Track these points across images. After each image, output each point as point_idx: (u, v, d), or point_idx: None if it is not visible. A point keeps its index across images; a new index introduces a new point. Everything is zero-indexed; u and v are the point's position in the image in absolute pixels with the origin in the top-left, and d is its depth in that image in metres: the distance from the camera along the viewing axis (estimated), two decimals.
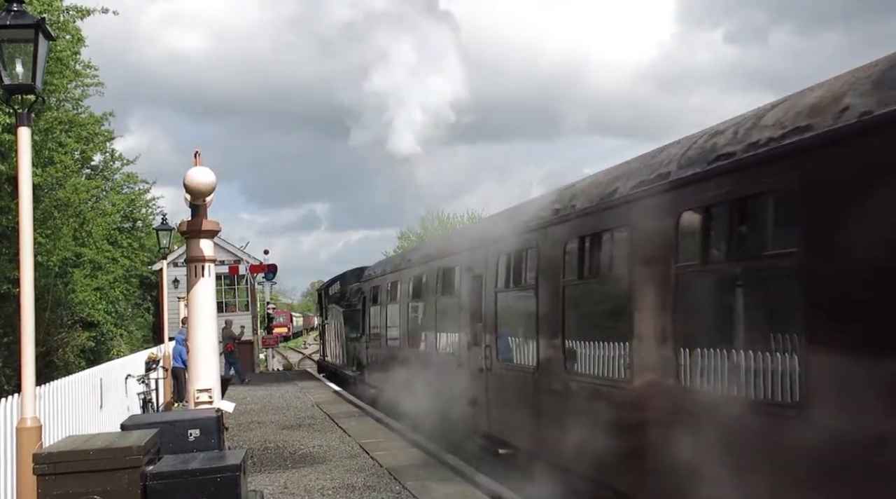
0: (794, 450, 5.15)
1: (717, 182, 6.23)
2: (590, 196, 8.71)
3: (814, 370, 5.16)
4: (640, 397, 7.29)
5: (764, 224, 6.07)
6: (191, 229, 10.65)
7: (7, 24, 7.99)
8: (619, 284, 7.86)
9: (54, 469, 7.12)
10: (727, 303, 6.54)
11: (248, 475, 8.82)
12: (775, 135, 5.65)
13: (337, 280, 31.77)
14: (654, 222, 7.11)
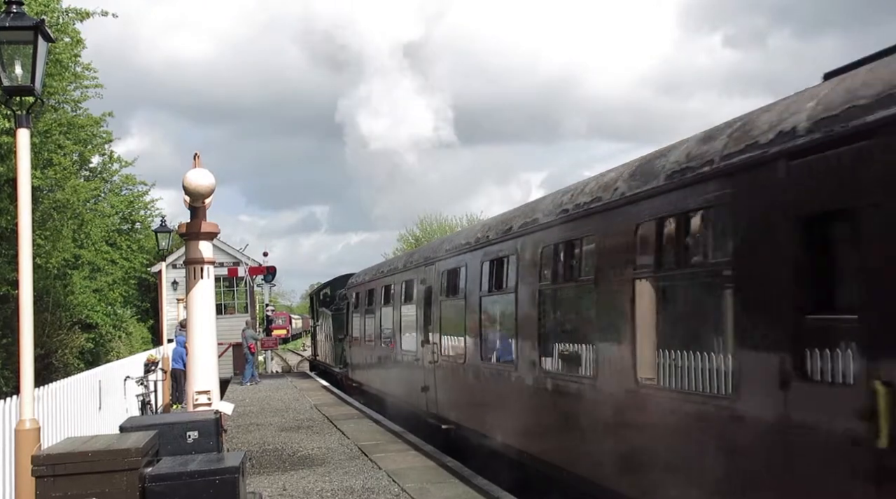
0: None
1: (558, 228, 9.27)
2: (497, 230, 11.57)
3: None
4: (521, 377, 10.22)
5: (580, 259, 8.93)
6: (190, 231, 10.66)
7: (6, 25, 7.99)
8: (511, 296, 10.60)
9: (53, 471, 7.11)
10: (553, 311, 9.97)
11: (246, 477, 8.82)
12: (587, 200, 8.67)
13: (328, 285, 34.11)
14: (529, 253, 10.03)
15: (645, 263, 7.35)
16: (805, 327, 5.17)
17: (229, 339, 32.08)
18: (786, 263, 5.35)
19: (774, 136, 5.58)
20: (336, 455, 13.23)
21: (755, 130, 5.90)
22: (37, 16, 13.23)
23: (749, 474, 5.61)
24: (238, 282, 33.46)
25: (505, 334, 11.23)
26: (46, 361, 20.32)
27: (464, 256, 12.85)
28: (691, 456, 6.38)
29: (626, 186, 7.81)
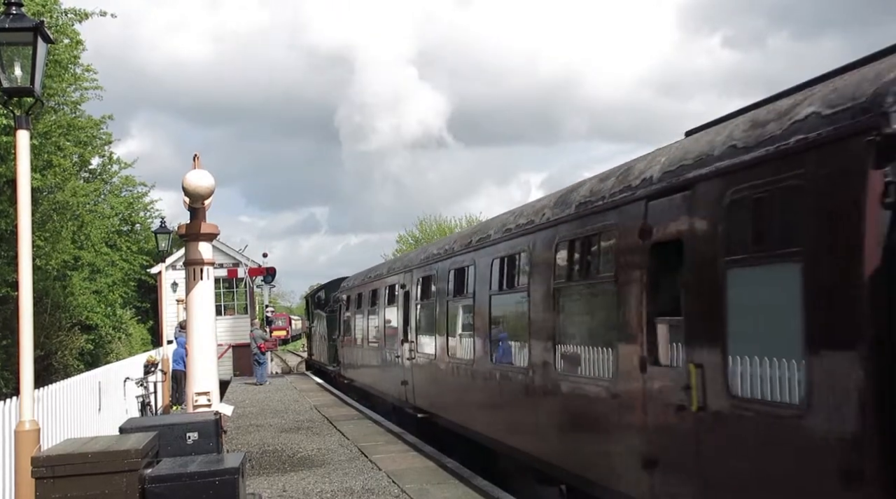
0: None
1: (503, 244, 11.06)
2: (461, 243, 13.51)
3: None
4: (477, 371, 11.87)
5: (519, 270, 10.41)
6: (189, 232, 10.66)
7: (6, 27, 8.00)
8: (470, 301, 12.40)
9: (52, 472, 7.12)
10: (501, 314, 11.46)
11: (246, 478, 8.82)
12: (524, 222, 10.36)
13: (322, 288, 36.05)
14: (483, 264, 11.85)
15: (560, 274, 9.11)
16: (654, 326, 6.99)
17: (229, 340, 32.12)
18: (644, 278, 7.10)
19: (640, 182, 7.41)
20: (336, 456, 13.23)
21: (630, 176, 7.69)
22: (35, 16, 13.24)
23: (624, 430, 7.43)
24: (238, 283, 33.45)
25: (466, 334, 12.84)
26: (46, 362, 20.32)
27: (435, 264, 14.68)
28: (594, 420, 8.14)
29: (551, 213, 9.54)
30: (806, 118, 5.36)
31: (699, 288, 6.26)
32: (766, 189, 5.60)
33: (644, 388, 7.01)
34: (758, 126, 5.92)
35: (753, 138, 5.85)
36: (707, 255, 6.20)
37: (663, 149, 7.63)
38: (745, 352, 5.79)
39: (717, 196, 6.09)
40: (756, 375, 5.67)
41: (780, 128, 5.58)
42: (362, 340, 22.36)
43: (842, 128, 4.95)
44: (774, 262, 5.59)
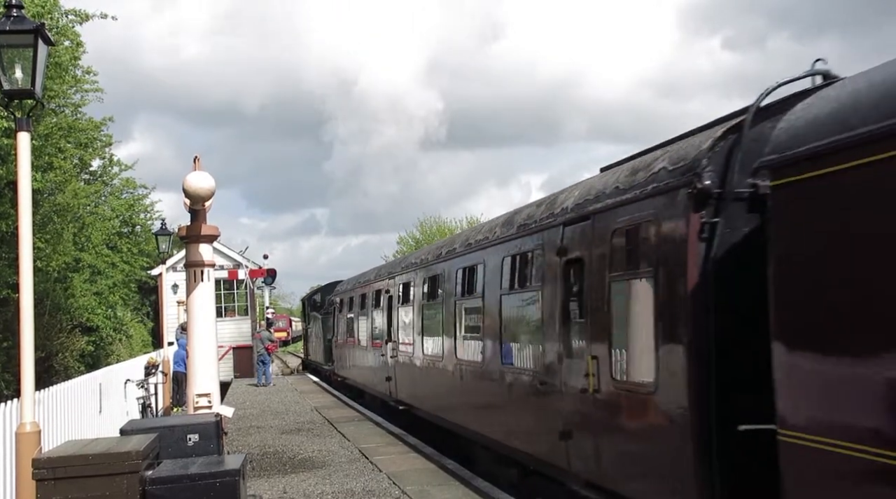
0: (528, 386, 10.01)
1: (464, 257, 12.90)
2: (433, 254, 15.21)
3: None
4: (445, 366, 13.56)
5: (477, 279, 12.08)
6: (190, 234, 10.66)
7: (6, 29, 8.01)
8: (440, 305, 14.04)
9: (53, 474, 7.13)
10: (465, 317, 12.84)
11: (247, 480, 8.82)
12: (480, 238, 12.21)
13: (318, 291, 38.06)
14: (450, 273, 13.55)
15: (505, 284, 10.79)
16: (568, 328, 8.66)
17: (229, 342, 32.11)
18: (560, 288, 8.80)
19: (559, 210, 9.17)
20: (336, 458, 13.23)
21: (554, 205, 9.48)
22: (36, 18, 13.25)
23: (549, 409, 9.06)
24: (238, 285, 33.45)
25: (435, 335, 14.51)
26: (47, 364, 20.32)
27: (411, 273, 16.66)
28: (528, 402, 9.83)
29: (500, 231, 11.25)
30: (658, 171, 7.14)
31: (594, 297, 8.02)
32: (635, 222, 7.37)
33: (561, 376, 8.76)
34: (633, 173, 7.71)
35: (628, 183, 7.66)
36: (599, 271, 7.94)
37: (579, 183, 9.55)
38: (622, 346, 7.55)
39: (606, 226, 7.86)
40: (628, 364, 7.45)
41: (644, 176, 7.36)
42: (353, 341, 23.96)
43: (676, 181, 6.72)
44: (638, 278, 7.32)
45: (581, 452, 8.23)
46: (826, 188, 5.00)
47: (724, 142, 6.51)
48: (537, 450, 9.47)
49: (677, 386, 6.48)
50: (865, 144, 4.67)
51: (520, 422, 10.13)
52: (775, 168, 5.45)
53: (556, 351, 8.86)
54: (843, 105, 5.13)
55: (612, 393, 7.59)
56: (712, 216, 6.34)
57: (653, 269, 6.94)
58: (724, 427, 6.08)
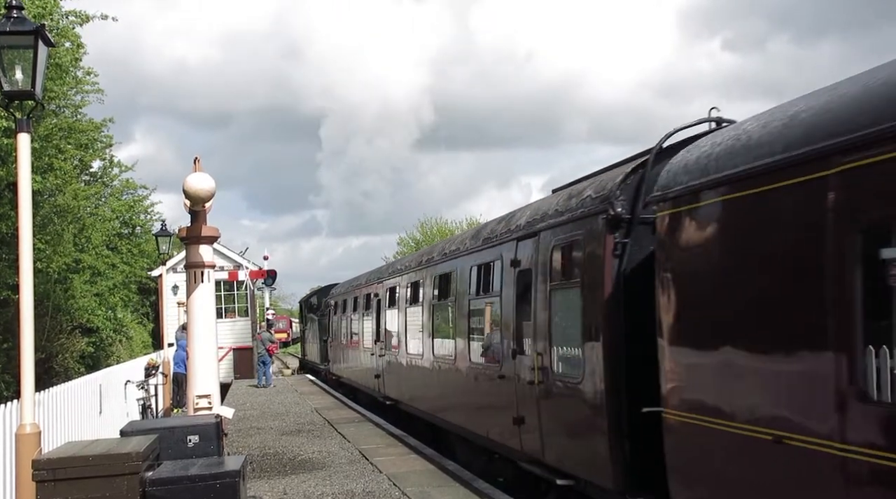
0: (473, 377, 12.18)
1: (440, 265, 14.28)
2: (416, 262, 16.80)
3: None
4: (423, 363, 15.05)
5: (450, 286, 13.50)
6: (190, 235, 10.66)
7: (7, 30, 8.01)
8: (419, 308, 15.49)
9: (53, 475, 7.12)
10: (439, 320, 14.36)
11: (247, 481, 8.82)
12: (453, 249, 13.65)
13: (314, 294, 40.29)
14: (429, 280, 14.92)
15: (472, 290, 12.29)
16: (521, 329, 10.01)
17: (230, 343, 32.11)
18: (514, 294, 10.25)
19: (514, 227, 10.62)
20: (337, 459, 13.23)
21: (511, 222, 10.96)
22: (36, 19, 13.25)
23: (506, 399, 10.39)
24: (238, 286, 33.44)
25: (416, 335, 15.83)
26: (47, 365, 20.31)
27: (396, 278, 18.23)
28: (489, 394, 11.20)
29: (469, 243, 12.76)
30: (585, 198, 8.55)
31: (539, 302, 9.42)
32: (568, 240, 8.80)
33: (515, 370, 10.09)
34: (569, 198, 9.09)
35: (565, 207, 9.06)
36: (543, 280, 9.33)
37: (531, 204, 11.09)
38: (559, 344, 8.95)
39: (548, 242, 9.27)
40: (564, 359, 8.85)
41: (576, 202, 8.76)
42: (347, 341, 25.68)
43: (596, 208, 8.11)
44: (570, 287, 8.69)
45: (530, 435, 9.65)
46: (686, 220, 6.56)
47: (633, 176, 7.94)
48: (497, 435, 10.91)
49: (596, 376, 7.95)
50: (717, 186, 6.10)
51: (484, 411, 11.60)
52: (656, 202, 7.03)
53: (511, 349, 10.25)
54: (705, 155, 6.41)
55: (552, 384, 9.10)
56: (623, 237, 7.84)
57: (579, 279, 8.43)
58: (631, 409, 7.48)
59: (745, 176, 5.76)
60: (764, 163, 5.57)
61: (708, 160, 6.30)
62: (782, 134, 5.55)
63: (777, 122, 5.75)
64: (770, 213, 5.59)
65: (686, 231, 6.58)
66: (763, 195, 5.61)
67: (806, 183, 5.20)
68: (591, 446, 8.09)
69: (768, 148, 5.60)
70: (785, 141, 5.44)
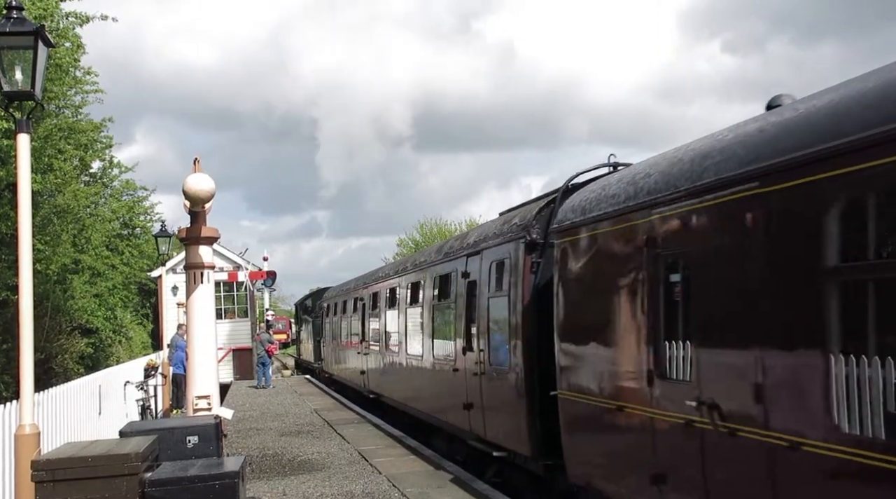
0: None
1: (413, 274, 16.51)
2: (393, 270, 19.33)
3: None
4: (399, 360, 17.18)
5: (420, 293, 15.49)
6: (190, 236, 10.66)
7: (6, 31, 8.01)
8: (396, 311, 17.81)
9: (52, 476, 7.12)
10: (408, 321, 16.68)
11: (246, 482, 8.82)
12: (423, 260, 15.97)
13: (309, 297, 43.72)
14: (404, 287, 17.20)
15: (436, 297, 14.29)
16: (470, 329, 12.11)
17: (229, 343, 32.10)
18: (465, 301, 12.37)
19: (465, 245, 12.87)
20: (336, 460, 13.22)
21: (465, 240, 13.31)
22: (37, 20, 13.24)
23: (458, 388, 12.49)
24: (238, 287, 33.44)
25: (393, 335, 18.22)
26: (46, 366, 20.28)
27: (378, 284, 20.51)
28: (446, 384, 13.34)
29: (433, 256, 14.96)
30: (513, 224, 10.67)
31: (481, 308, 11.57)
32: (501, 258, 10.81)
33: (465, 364, 12.20)
34: (504, 224, 11.18)
35: (500, 230, 11.18)
36: (484, 290, 11.47)
37: (482, 225, 13.96)
38: (494, 342, 10.99)
39: (489, 259, 11.38)
40: (497, 354, 10.89)
41: (507, 227, 10.86)
42: (337, 341, 28.05)
43: (519, 233, 10.25)
44: (502, 296, 10.70)
45: (476, 417, 11.69)
46: (570, 247, 8.60)
47: (546, 209, 10.00)
48: (454, 419, 12.96)
49: (518, 368, 10.06)
50: (586, 225, 8.15)
51: (444, 399, 13.63)
52: (555, 232, 9.11)
53: (462, 346, 12.38)
54: (584, 199, 8.44)
55: (490, 373, 11.17)
56: (538, 257, 9.86)
57: (507, 290, 10.49)
58: (543, 392, 9.30)
59: (601, 218, 7.83)
60: (611, 210, 7.67)
61: (584, 204, 8.32)
62: (625, 190, 7.54)
63: (625, 181, 7.73)
64: (611, 246, 7.77)
65: (570, 255, 8.60)
66: (608, 233, 7.78)
67: (633, 227, 7.24)
68: (516, 424, 10.13)
69: (614, 199, 7.70)
70: (626, 194, 7.46)
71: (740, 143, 5.98)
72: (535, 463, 9.89)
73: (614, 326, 7.54)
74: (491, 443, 11.10)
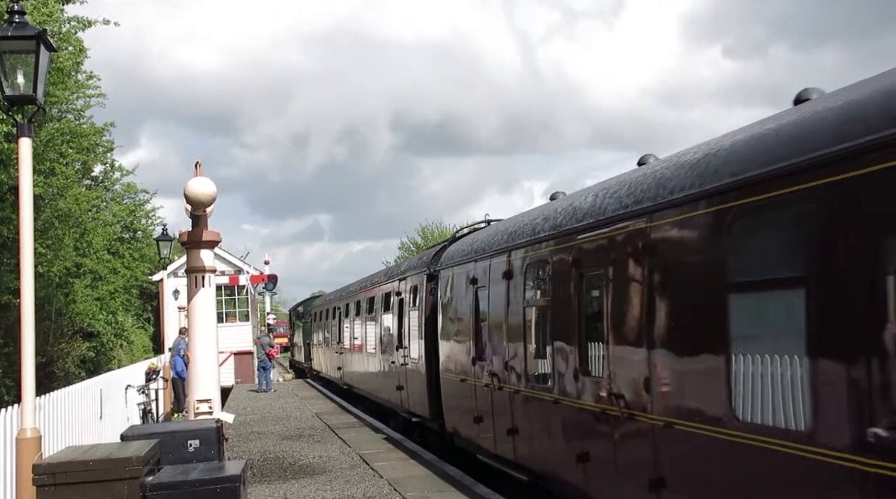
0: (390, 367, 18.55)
1: (357, 295, 23.85)
2: (371, 283, 21.93)
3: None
4: (371, 357, 20.61)
5: (372, 307, 21.09)
6: (191, 240, 10.66)
7: (8, 35, 8.02)
8: (361, 320, 22.55)
9: (54, 480, 7.12)
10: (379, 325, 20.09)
11: (247, 486, 8.81)
12: (376, 280, 21.47)
13: (302, 304, 48.50)
14: (381, 296, 19.82)
15: (383, 308, 18.89)
16: (400, 335, 16.74)
17: (230, 347, 32.09)
18: (397, 311, 17.22)
19: (399, 271, 18.16)
20: (337, 464, 13.21)
21: (400, 267, 18.60)
22: (39, 25, 13.25)
23: (393, 377, 17.46)
24: (239, 290, 33.45)
25: (357, 337, 23.29)
26: (48, 369, 20.30)
27: (349, 298, 25.29)
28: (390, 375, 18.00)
29: (382, 278, 20.05)
30: (423, 260, 15.68)
31: (405, 317, 16.04)
32: (415, 283, 15.55)
33: (398, 359, 16.79)
34: (419, 258, 16.56)
35: (416, 264, 16.39)
36: (406, 305, 16.19)
37: (408, 259, 21.41)
38: (411, 341, 15.57)
39: (410, 283, 16.17)
40: (412, 349, 15.59)
41: (419, 261, 16.12)
42: (322, 343, 32.93)
43: (423, 267, 15.24)
44: (415, 310, 15.19)
45: (404, 395, 16.61)
46: (445, 280, 13.34)
47: (441, 252, 14.59)
48: (394, 399, 17.67)
49: (422, 359, 14.68)
50: (451, 266, 13.08)
51: (387, 384, 18.35)
52: (438, 269, 14.00)
53: (395, 344, 17.14)
54: (454, 250, 13.42)
55: (410, 364, 15.88)
56: (434, 284, 14.22)
57: (418, 306, 15.26)
58: (437, 375, 13.84)
59: (455, 263, 12.93)
60: (458, 258, 12.84)
61: (452, 252, 13.59)
62: (468, 247, 12.65)
63: (467, 242, 13.13)
64: (459, 280, 12.64)
65: (445, 284, 13.53)
66: (457, 273, 12.70)
67: (466, 270, 12.08)
68: (423, 398, 14.86)
69: (462, 252, 12.84)
70: (466, 250, 12.65)
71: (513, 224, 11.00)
72: (432, 422, 14.56)
73: (462, 329, 12.42)
74: (412, 412, 15.98)
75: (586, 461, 7.95)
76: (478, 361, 11.31)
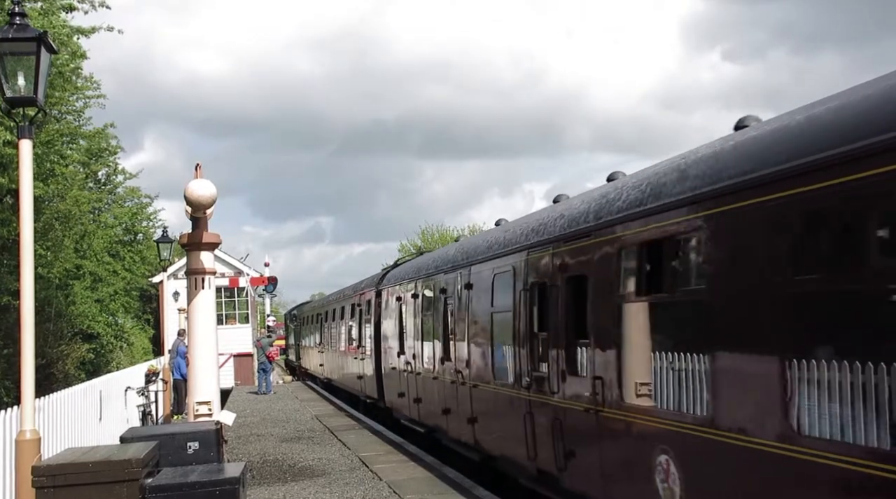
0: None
1: (331, 304, 29.77)
2: (353, 290, 24.24)
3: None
4: (347, 354, 24.93)
5: (335, 314, 27.98)
6: (191, 242, 10.67)
7: (9, 37, 8.03)
8: (336, 325, 27.47)
9: (53, 482, 7.12)
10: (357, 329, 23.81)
11: (247, 488, 8.80)
12: (347, 293, 26.24)
13: (295, 308, 54.56)
14: (364, 305, 22.17)
15: (350, 317, 23.84)
16: (361, 336, 21.87)
17: (230, 349, 32.09)
18: (359, 320, 22.29)
19: (358, 287, 23.23)
20: (337, 466, 13.20)
21: (359, 285, 23.81)
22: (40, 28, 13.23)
23: (360, 368, 22.03)
24: (239, 292, 33.47)
25: (333, 338, 27.59)
26: (47, 371, 20.29)
27: (327, 306, 29.78)
28: (356, 365, 22.84)
29: (348, 292, 25.01)
30: (374, 277, 21.27)
31: (364, 323, 21.22)
32: (368, 298, 20.79)
33: (361, 353, 21.61)
34: (371, 278, 21.86)
35: (368, 282, 21.83)
36: (364, 315, 21.15)
37: (366, 278, 23.16)
38: (367, 341, 20.75)
39: (364, 297, 21.43)
40: (367, 347, 20.90)
41: (370, 280, 21.52)
42: (309, 344, 37.84)
43: (373, 284, 20.50)
44: (369, 319, 20.45)
45: (368, 384, 20.56)
46: (383, 297, 18.83)
47: (388, 273, 19.53)
48: (358, 387, 22.09)
49: (372, 355, 19.77)
50: (388, 287, 18.57)
51: (352, 376, 22.89)
52: (382, 287, 19.15)
53: (358, 344, 21.53)
54: (396, 273, 18.66)
55: (366, 358, 20.39)
56: (381, 299, 18.86)
57: (370, 315, 19.99)
58: (382, 368, 18.73)
59: (388, 284, 18.36)
60: (392, 280, 18.35)
61: (389, 276, 18.93)
62: (404, 273, 17.59)
63: (403, 266, 18.87)
64: (389, 299, 17.93)
65: (383, 300, 18.67)
66: (389, 291, 18.07)
67: (396, 290, 17.44)
68: (372, 384, 19.71)
69: (394, 276, 18.45)
70: (398, 275, 18.16)
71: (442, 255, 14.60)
72: (381, 402, 19.10)
73: (390, 334, 17.61)
74: (369, 396, 20.75)
75: (448, 413, 13.12)
76: (401, 354, 16.53)
